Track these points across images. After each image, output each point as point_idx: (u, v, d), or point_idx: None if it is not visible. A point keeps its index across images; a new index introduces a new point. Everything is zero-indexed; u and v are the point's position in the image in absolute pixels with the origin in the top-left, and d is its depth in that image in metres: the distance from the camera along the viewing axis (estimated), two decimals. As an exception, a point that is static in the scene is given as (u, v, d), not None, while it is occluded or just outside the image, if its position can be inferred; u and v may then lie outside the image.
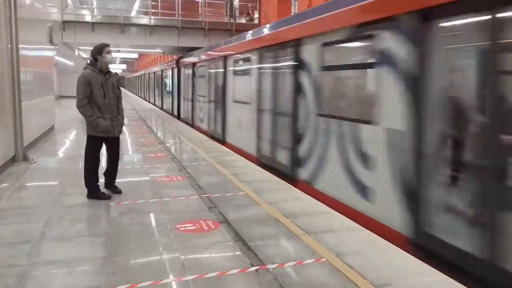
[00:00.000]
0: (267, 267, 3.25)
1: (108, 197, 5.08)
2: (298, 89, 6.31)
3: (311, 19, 5.95)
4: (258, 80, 8.13)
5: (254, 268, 3.23)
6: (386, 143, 4.29)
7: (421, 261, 3.39)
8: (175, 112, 18.04)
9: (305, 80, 6.12)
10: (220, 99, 10.77)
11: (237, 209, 4.75)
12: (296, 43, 6.33)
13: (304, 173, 6.12)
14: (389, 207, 4.21)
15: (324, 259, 3.39)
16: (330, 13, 5.42)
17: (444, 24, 3.68)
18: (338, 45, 5.45)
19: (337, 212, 4.61)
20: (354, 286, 2.96)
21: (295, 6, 20.24)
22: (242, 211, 4.68)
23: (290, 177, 6.40)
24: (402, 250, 3.63)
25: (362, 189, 4.70)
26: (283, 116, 6.92)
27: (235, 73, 9.78)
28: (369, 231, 4.06)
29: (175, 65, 17.90)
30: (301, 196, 5.31)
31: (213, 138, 10.99)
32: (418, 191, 3.81)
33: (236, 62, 9.72)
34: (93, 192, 5.08)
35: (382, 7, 4.39)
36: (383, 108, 4.36)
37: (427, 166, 3.76)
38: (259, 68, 8.07)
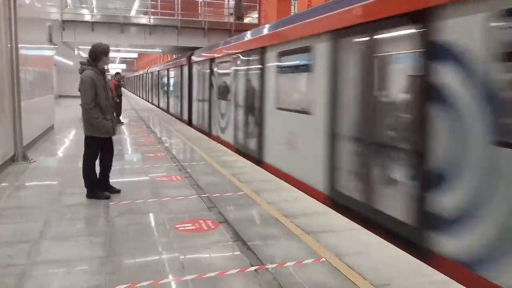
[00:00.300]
0: (266, 267, 3.25)
1: (107, 197, 5.07)
2: (430, 94, 3.76)
3: None
4: (331, 79, 5.45)
5: (253, 268, 3.23)
6: None
7: (420, 261, 3.37)
8: (185, 117, 15.52)
9: (452, 79, 3.52)
10: (255, 104, 8.28)
11: (236, 209, 4.75)
12: (422, 15, 3.80)
13: (454, 246, 3.51)
14: None
15: (323, 259, 3.39)
16: None
17: None
18: None
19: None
20: (354, 286, 2.96)
21: (294, 6, 20.26)
22: (241, 211, 4.68)
23: (417, 246, 3.83)
24: (402, 250, 3.59)
25: None
26: (393, 138, 4.54)
27: (282, 69, 7.24)
28: (369, 231, 4.04)
29: (185, 62, 15.40)
30: (300, 196, 5.30)
31: (241, 153, 8.66)
32: None
33: (284, 54, 7.09)
34: (93, 192, 5.08)
35: None
36: None
37: None
38: (334, 63, 5.41)
